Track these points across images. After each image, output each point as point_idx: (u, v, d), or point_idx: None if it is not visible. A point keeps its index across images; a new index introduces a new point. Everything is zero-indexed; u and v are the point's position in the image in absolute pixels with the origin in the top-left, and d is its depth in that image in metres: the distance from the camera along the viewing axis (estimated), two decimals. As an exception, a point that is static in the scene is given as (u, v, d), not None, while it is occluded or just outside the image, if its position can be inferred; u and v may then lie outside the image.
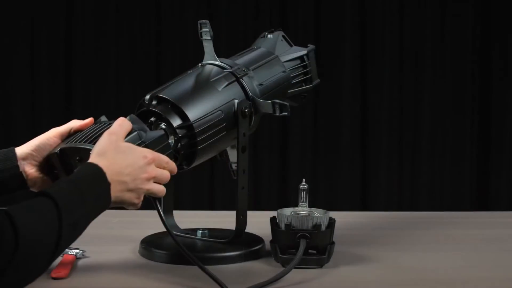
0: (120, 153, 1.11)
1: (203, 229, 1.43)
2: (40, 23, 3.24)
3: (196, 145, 1.28)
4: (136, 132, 1.19)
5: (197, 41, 1.43)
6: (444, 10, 3.34)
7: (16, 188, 1.21)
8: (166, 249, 1.34)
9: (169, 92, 1.30)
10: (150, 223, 1.56)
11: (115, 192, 1.10)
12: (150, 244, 1.37)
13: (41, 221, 0.97)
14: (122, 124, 1.16)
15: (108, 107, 3.19)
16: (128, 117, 1.22)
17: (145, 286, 1.20)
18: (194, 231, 1.43)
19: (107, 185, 1.08)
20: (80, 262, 1.31)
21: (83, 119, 1.26)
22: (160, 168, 1.16)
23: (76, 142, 1.19)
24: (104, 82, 3.27)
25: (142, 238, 1.42)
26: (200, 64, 1.41)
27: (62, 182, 1.08)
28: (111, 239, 1.50)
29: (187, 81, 1.34)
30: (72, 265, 1.27)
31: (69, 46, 3.26)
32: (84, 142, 1.18)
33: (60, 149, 1.20)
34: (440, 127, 3.35)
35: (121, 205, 1.14)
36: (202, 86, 1.33)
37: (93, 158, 1.10)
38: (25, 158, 1.21)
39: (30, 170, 1.21)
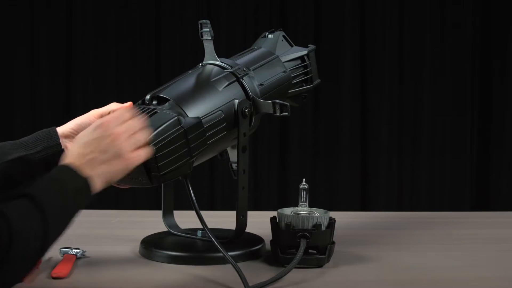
0: (76, 141, 1.09)
1: (203, 229, 1.43)
2: (40, 23, 3.24)
3: (196, 145, 1.28)
4: (176, 117, 1.22)
5: (197, 41, 1.43)
6: (444, 10, 3.34)
7: None
8: (166, 249, 1.34)
9: (170, 92, 1.30)
10: (150, 223, 1.56)
11: (91, 170, 1.05)
12: (150, 244, 1.37)
13: (27, 216, 0.96)
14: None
15: (108, 107, 3.19)
16: (167, 103, 1.26)
17: (145, 286, 1.20)
18: (194, 231, 1.43)
19: (76, 167, 1.04)
20: (81, 262, 1.31)
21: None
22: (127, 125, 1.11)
23: None
24: (104, 82, 3.27)
25: (142, 238, 1.42)
26: (200, 64, 1.41)
27: (39, 180, 1.05)
28: (111, 239, 1.51)
29: (188, 81, 1.34)
30: (73, 265, 1.27)
31: (69, 46, 3.26)
32: None
33: None
34: (440, 127, 3.36)
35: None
36: (203, 86, 1.33)
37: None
38: (67, 136, 1.26)
39: None
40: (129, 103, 1.30)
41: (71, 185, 1.02)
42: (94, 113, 1.28)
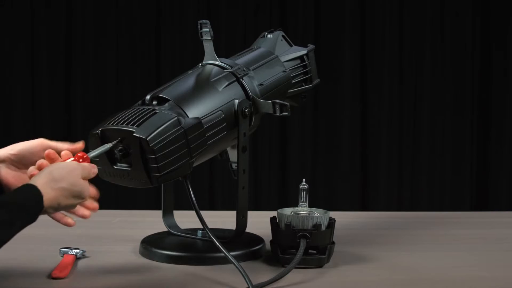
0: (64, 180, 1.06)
1: (203, 229, 1.43)
2: (40, 23, 3.24)
3: (196, 145, 1.28)
4: (176, 117, 1.22)
5: (197, 41, 1.43)
6: (444, 10, 3.34)
7: None
8: (166, 249, 1.34)
9: (170, 92, 1.30)
10: (150, 223, 1.56)
11: (50, 198, 1.04)
12: (150, 244, 1.37)
13: None
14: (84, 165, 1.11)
15: (108, 107, 3.19)
16: (167, 104, 1.26)
17: (145, 286, 1.20)
18: (194, 231, 1.43)
19: (35, 190, 1.02)
20: (80, 262, 1.31)
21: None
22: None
23: (117, 124, 1.22)
24: (104, 82, 3.27)
25: (142, 238, 1.42)
26: (200, 64, 1.41)
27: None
28: (111, 239, 1.51)
29: (188, 81, 1.34)
30: (73, 265, 1.27)
31: (69, 46, 3.26)
32: (127, 124, 1.21)
33: (101, 130, 1.23)
34: (440, 127, 3.35)
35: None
36: (203, 86, 1.33)
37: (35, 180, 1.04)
38: (2, 161, 1.17)
39: (5, 174, 1.17)
40: (81, 144, 1.19)
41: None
42: (42, 141, 1.17)
